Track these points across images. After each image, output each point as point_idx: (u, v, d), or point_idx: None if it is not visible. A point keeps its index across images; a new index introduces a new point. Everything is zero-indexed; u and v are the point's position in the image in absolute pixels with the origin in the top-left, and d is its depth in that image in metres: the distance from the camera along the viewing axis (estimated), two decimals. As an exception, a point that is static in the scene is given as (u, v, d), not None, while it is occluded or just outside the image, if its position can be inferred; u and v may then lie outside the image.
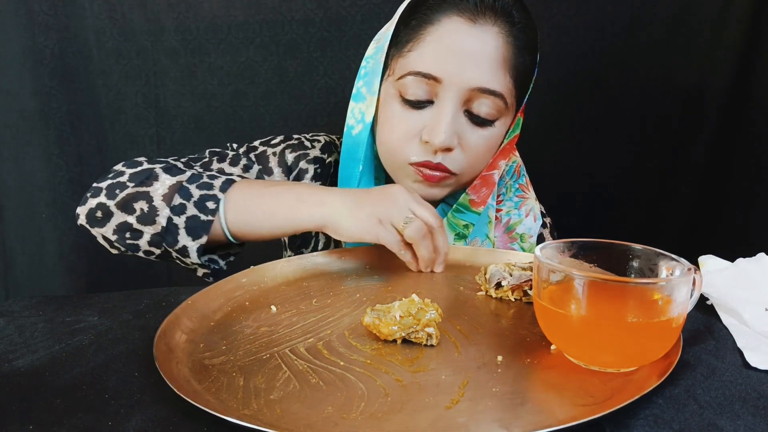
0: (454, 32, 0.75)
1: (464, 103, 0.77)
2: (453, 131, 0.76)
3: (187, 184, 0.74)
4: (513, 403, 0.43)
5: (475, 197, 0.85)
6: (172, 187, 0.73)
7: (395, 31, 0.81)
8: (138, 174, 0.75)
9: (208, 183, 0.74)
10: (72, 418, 0.43)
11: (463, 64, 0.75)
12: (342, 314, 0.59)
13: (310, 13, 1.32)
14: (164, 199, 0.73)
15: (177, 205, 0.72)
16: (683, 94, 1.33)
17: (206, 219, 0.72)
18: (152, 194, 0.73)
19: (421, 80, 0.76)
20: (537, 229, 0.91)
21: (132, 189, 0.74)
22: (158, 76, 1.37)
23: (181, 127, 1.40)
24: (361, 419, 0.41)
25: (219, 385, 0.46)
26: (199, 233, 0.72)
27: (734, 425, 0.41)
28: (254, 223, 0.74)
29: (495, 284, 0.63)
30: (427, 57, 0.76)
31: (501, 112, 0.79)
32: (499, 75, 0.76)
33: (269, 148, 0.91)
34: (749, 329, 0.55)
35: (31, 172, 1.38)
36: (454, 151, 0.78)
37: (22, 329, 0.59)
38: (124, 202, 0.73)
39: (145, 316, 0.62)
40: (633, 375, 0.46)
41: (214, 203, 0.73)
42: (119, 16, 1.33)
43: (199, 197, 0.73)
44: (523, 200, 0.92)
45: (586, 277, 0.45)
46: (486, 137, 0.80)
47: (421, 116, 0.78)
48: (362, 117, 0.84)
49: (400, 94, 0.78)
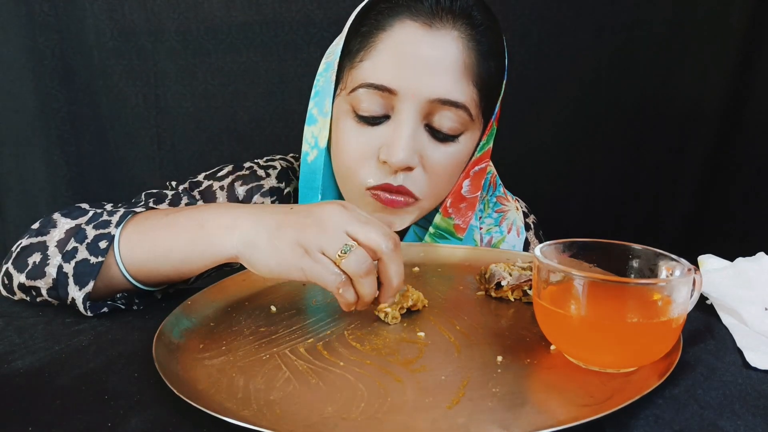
0: (409, 39, 0.68)
1: (424, 116, 0.70)
2: (413, 148, 0.69)
3: (85, 226, 0.62)
4: (513, 403, 0.43)
5: (461, 222, 0.78)
6: (68, 231, 0.62)
7: (346, 40, 0.74)
8: (41, 223, 0.64)
9: (106, 220, 0.62)
10: (71, 419, 0.43)
11: (420, 73, 0.68)
12: (342, 314, 0.59)
13: (310, 13, 1.32)
14: (58, 246, 0.61)
15: (69, 251, 0.60)
16: (683, 94, 1.33)
17: (96, 261, 0.59)
18: (48, 243, 0.62)
19: (375, 93, 0.69)
20: (521, 243, 0.87)
21: (26, 241, 0.63)
22: (158, 76, 1.37)
23: (181, 128, 1.40)
24: (361, 419, 0.41)
25: (219, 385, 0.46)
26: (86, 280, 0.59)
27: (734, 425, 0.41)
28: (151, 263, 0.60)
29: (495, 284, 0.63)
30: (380, 67, 0.69)
31: (466, 125, 0.71)
32: (461, 84, 0.69)
33: (215, 181, 0.79)
34: (749, 329, 0.55)
35: (31, 172, 1.38)
36: (416, 172, 0.70)
37: (21, 330, 0.59)
38: (17, 257, 0.63)
39: (145, 317, 0.62)
40: (633, 375, 0.46)
41: (107, 242, 0.60)
42: (119, 16, 1.33)
43: (93, 237, 0.60)
44: (503, 214, 0.87)
45: (586, 277, 0.45)
46: (450, 155, 0.72)
47: (376, 133, 0.70)
48: (315, 142, 0.76)
49: (353, 110, 0.71)
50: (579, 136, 1.39)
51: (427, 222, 0.79)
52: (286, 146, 0.93)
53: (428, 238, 0.79)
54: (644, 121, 1.36)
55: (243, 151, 1.40)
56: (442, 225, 0.79)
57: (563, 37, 1.32)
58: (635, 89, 1.34)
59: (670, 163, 1.38)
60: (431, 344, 0.53)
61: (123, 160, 1.42)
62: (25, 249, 0.63)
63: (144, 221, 0.62)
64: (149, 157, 1.41)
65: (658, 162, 1.38)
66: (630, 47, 1.32)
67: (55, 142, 1.37)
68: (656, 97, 1.34)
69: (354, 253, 0.52)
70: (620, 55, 1.32)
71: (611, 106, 1.36)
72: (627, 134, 1.37)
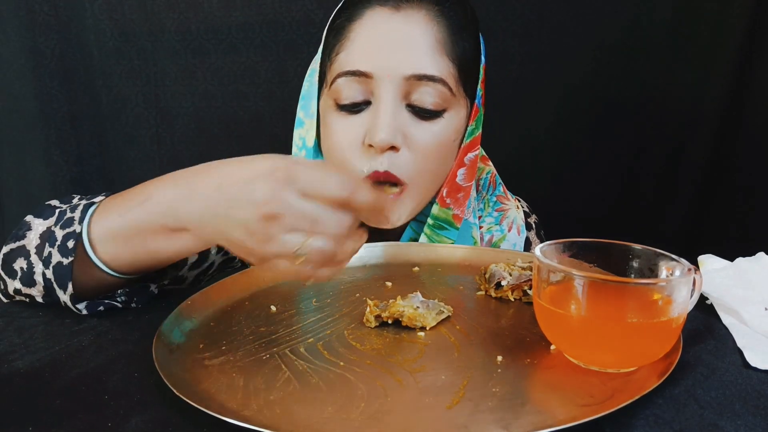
0: (378, 23, 0.71)
1: (404, 96, 0.71)
2: (394, 128, 0.69)
3: (53, 228, 0.61)
4: (513, 403, 0.43)
5: (458, 212, 0.79)
6: (42, 235, 0.61)
7: (324, 39, 0.77)
8: (18, 227, 0.64)
9: (70, 218, 0.60)
10: (72, 419, 0.43)
11: (392, 53, 0.70)
12: (342, 314, 0.59)
13: (310, 13, 1.32)
14: (37, 252, 0.61)
15: (46, 256, 0.60)
16: (683, 94, 1.33)
17: (67, 262, 0.58)
18: (28, 248, 0.61)
19: (352, 80, 0.71)
20: (522, 241, 0.87)
21: (7, 247, 0.63)
22: (158, 76, 1.37)
23: (181, 128, 1.40)
24: (361, 419, 0.41)
25: (219, 385, 0.46)
26: (65, 282, 0.58)
27: (734, 425, 0.41)
28: (121, 248, 0.58)
29: (495, 284, 0.63)
30: (353, 55, 0.71)
31: (447, 101, 0.72)
32: (436, 58, 0.70)
33: None
34: (749, 329, 0.55)
35: (31, 172, 1.38)
36: (401, 153, 0.71)
37: (21, 330, 0.59)
38: (5, 264, 0.63)
39: (145, 317, 0.62)
40: (633, 375, 0.46)
41: (74, 240, 0.58)
42: (119, 16, 1.33)
43: (62, 238, 0.59)
44: (503, 213, 0.87)
45: (586, 277, 0.45)
46: (435, 133, 0.72)
47: (360, 120, 0.72)
48: (303, 143, 0.79)
49: (335, 102, 0.73)
50: (579, 136, 1.39)
51: (424, 216, 0.80)
52: (286, 146, 0.93)
53: (427, 229, 0.80)
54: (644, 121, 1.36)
55: (243, 151, 1.39)
56: (440, 216, 0.79)
57: (563, 37, 1.32)
58: (635, 89, 1.34)
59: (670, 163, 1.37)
60: (431, 344, 0.53)
61: (123, 160, 1.42)
62: (9, 255, 0.62)
63: (105, 209, 0.59)
64: (149, 157, 1.41)
65: (658, 162, 1.38)
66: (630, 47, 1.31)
67: (55, 142, 1.37)
68: (656, 97, 1.34)
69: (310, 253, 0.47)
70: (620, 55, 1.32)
71: (611, 106, 1.36)
72: (627, 134, 1.37)
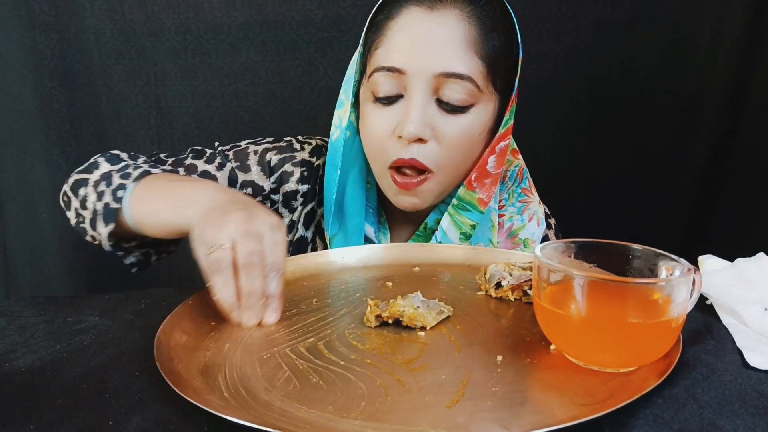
0: (413, 22, 0.75)
1: (434, 91, 0.75)
2: (423, 121, 0.75)
3: (114, 173, 0.75)
4: (513, 403, 0.43)
5: (484, 196, 0.83)
6: (103, 175, 0.75)
7: (365, 33, 0.81)
8: (88, 164, 0.79)
9: (128, 173, 0.74)
10: (73, 418, 0.43)
11: (424, 51, 0.74)
12: (342, 314, 0.59)
13: (310, 13, 1.32)
14: (94, 186, 0.75)
15: (100, 192, 0.74)
16: (683, 94, 1.33)
17: (114, 207, 0.72)
18: (90, 180, 0.76)
19: (387, 75, 0.76)
20: (541, 233, 0.90)
21: (78, 176, 0.78)
22: (158, 76, 1.37)
23: (181, 128, 1.40)
24: (361, 419, 0.41)
25: (219, 384, 0.46)
26: (109, 220, 0.72)
27: (734, 425, 0.41)
28: (148, 220, 0.71)
29: (495, 284, 0.63)
30: (390, 51, 0.76)
31: (474, 97, 0.76)
32: (465, 58, 0.74)
33: (252, 145, 0.89)
34: (749, 329, 0.55)
35: (31, 172, 1.38)
36: (429, 144, 0.76)
37: (22, 329, 0.59)
38: (73, 186, 0.78)
39: (146, 316, 0.62)
40: (633, 375, 0.46)
41: (123, 192, 0.72)
42: (119, 16, 1.34)
43: (116, 185, 0.73)
44: (526, 204, 0.91)
45: (586, 277, 0.45)
46: (462, 126, 0.77)
47: (392, 112, 0.77)
48: (340, 122, 0.84)
49: (373, 94, 0.78)
50: (579, 136, 1.39)
51: (451, 198, 0.84)
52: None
53: (450, 209, 0.84)
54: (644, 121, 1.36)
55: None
56: (465, 198, 0.83)
57: (563, 37, 1.32)
58: (635, 89, 1.34)
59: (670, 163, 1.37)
60: (431, 344, 0.53)
61: (123, 159, 1.42)
62: (77, 181, 0.77)
63: (154, 182, 0.73)
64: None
65: (658, 162, 1.38)
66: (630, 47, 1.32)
67: (55, 142, 1.37)
68: (656, 97, 1.34)
69: (220, 251, 0.57)
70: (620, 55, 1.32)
71: (611, 106, 1.36)
72: (627, 134, 1.37)
